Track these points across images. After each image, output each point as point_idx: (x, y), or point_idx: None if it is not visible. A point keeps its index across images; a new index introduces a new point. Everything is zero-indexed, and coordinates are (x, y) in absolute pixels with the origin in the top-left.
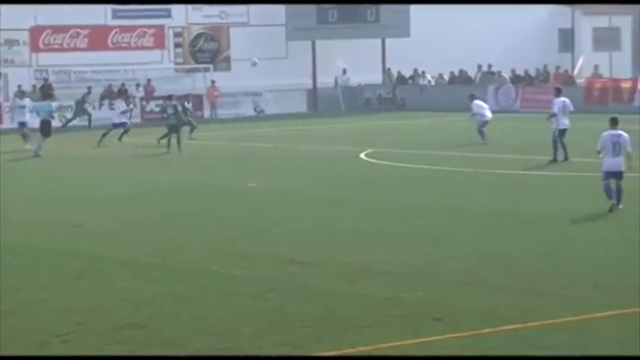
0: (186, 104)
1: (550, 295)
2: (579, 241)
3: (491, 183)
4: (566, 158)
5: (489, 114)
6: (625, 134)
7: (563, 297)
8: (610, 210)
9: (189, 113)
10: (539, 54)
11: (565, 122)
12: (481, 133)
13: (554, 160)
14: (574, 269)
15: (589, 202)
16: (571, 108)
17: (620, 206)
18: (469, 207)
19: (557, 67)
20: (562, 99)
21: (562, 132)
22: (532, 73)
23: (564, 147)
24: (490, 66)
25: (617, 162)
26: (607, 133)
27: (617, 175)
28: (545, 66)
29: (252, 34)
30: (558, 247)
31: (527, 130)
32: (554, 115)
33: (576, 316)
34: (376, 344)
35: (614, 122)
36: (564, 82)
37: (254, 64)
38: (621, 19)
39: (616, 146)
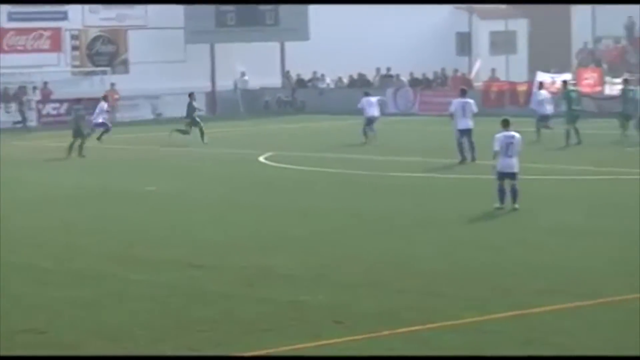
0: (192, 102)
1: (449, 296)
2: (477, 242)
3: (391, 185)
4: (473, 159)
5: (375, 112)
6: (517, 135)
7: (461, 298)
8: (499, 208)
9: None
10: (437, 58)
11: (465, 122)
12: (365, 132)
13: (463, 160)
14: (471, 270)
15: (486, 204)
16: (474, 109)
17: (516, 206)
18: (368, 210)
19: (455, 71)
20: (464, 99)
21: (462, 132)
22: (430, 76)
23: (472, 148)
24: (388, 69)
25: (511, 163)
26: (501, 134)
27: (511, 175)
28: (443, 69)
29: (150, 37)
30: (456, 249)
31: (426, 132)
32: (450, 115)
33: (475, 317)
34: (276, 347)
35: (505, 124)
36: (462, 85)
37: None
38: (517, 22)
39: (509, 147)
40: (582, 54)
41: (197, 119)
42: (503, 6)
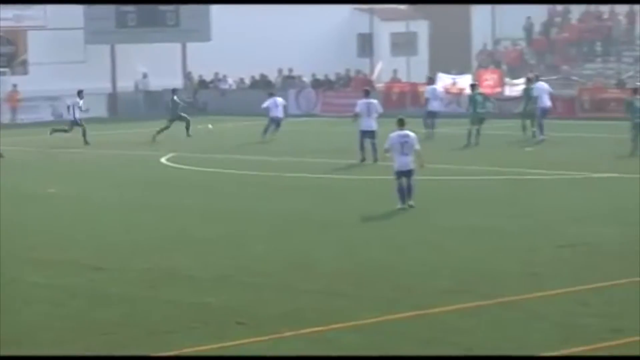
0: (175, 97)
1: (352, 296)
2: (379, 243)
3: (294, 186)
4: (375, 160)
5: (279, 113)
6: (412, 134)
7: (364, 298)
8: (402, 209)
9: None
10: (338, 59)
11: (369, 123)
12: (266, 131)
13: (363, 160)
14: (374, 270)
15: (389, 204)
16: (379, 109)
17: (411, 202)
18: (271, 211)
19: (357, 72)
20: (368, 100)
21: (365, 133)
22: (332, 77)
23: (374, 149)
24: (290, 70)
25: (406, 161)
26: (395, 134)
27: (407, 173)
28: (346, 70)
29: (50, 38)
30: (359, 249)
31: (328, 134)
32: (356, 115)
33: (377, 317)
34: (180, 349)
35: (401, 123)
36: (364, 86)
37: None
38: (418, 23)
39: (404, 146)
40: (482, 56)
41: (183, 114)
42: (404, 7)
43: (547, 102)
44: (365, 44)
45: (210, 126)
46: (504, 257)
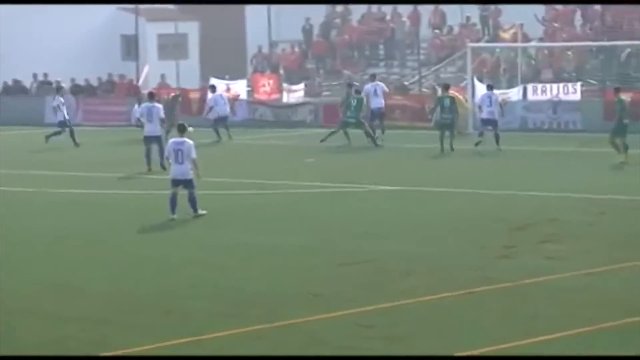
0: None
1: (120, 323)
2: (153, 262)
3: (58, 202)
4: (163, 168)
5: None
6: (189, 142)
7: (135, 325)
8: (173, 219)
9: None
10: (101, 62)
11: (152, 128)
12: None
13: (149, 170)
14: (146, 293)
15: (163, 220)
16: (162, 115)
17: (201, 212)
18: (31, 230)
19: (122, 76)
20: (152, 104)
21: (149, 139)
22: (95, 83)
23: (161, 155)
24: (46, 75)
25: (182, 170)
26: (171, 141)
27: (184, 183)
28: (109, 75)
29: None
30: (130, 270)
31: (92, 145)
32: (138, 120)
33: (148, 345)
34: None
35: (181, 129)
36: (129, 92)
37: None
38: (187, 25)
39: (179, 154)
40: (257, 59)
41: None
42: (172, 7)
43: (378, 104)
44: (131, 46)
45: None
46: (282, 276)
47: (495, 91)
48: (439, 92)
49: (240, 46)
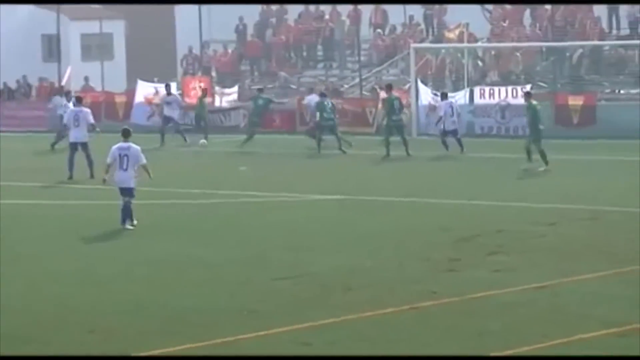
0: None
1: (41, 341)
2: (77, 277)
3: None
4: (91, 176)
5: None
6: (135, 147)
7: (56, 343)
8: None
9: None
10: (19, 64)
11: (77, 134)
12: None
13: (70, 178)
14: (69, 309)
15: (96, 231)
16: (90, 119)
17: (131, 225)
18: None
19: (42, 79)
20: (78, 108)
21: (75, 145)
22: (13, 86)
23: (89, 163)
24: None
25: (125, 177)
26: (116, 146)
27: (127, 191)
28: (23, 77)
29: None
30: (51, 285)
31: (11, 152)
32: (64, 126)
33: None
34: None
35: (125, 134)
36: (51, 95)
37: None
38: (113, 24)
39: (124, 160)
40: (187, 61)
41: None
42: (97, 6)
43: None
44: (52, 46)
45: None
46: (214, 291)
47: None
48: (382, 94)
49: (170, 47)
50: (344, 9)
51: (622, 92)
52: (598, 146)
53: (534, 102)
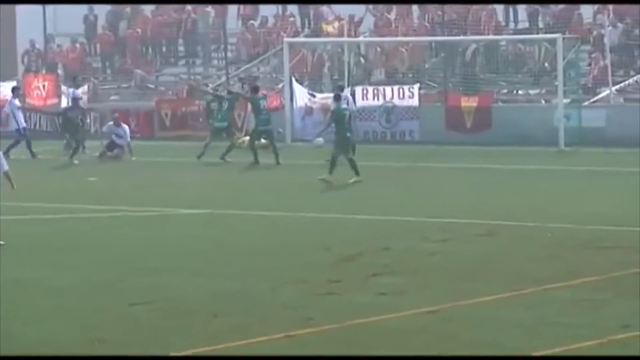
0: None
1: None
2: None
3: None
4: None
5: None
6: None
7: None
8: None
9: None
10: None
11: None
12: None
13: None
14: None
15: None
16: None
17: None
18: None
19: None
20: None
21: None
22: None
23: None
24: None
25: None
26: None
27: None
28: None
29: None
30: None
31: None
32: None
33: None
34: None
35: None
36: None
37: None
38: None
39: None
40: (29, 57)
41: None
42: None
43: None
44: None
45: None
46: (61, 319)
47: (319, 95)
48: (245, 92)
49: (9, 40)
50: None
51: (520, 92)
52: (494, 153)
53: (340, 106)
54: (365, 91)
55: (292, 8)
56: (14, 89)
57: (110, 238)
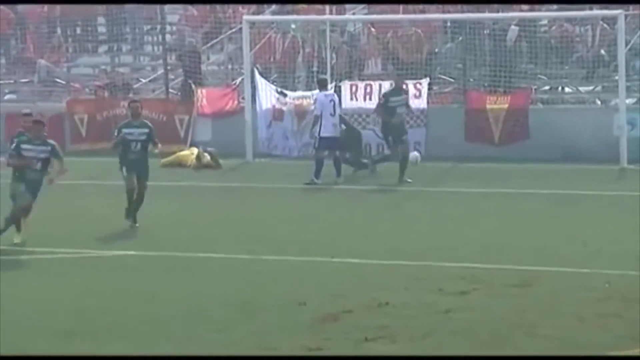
0: None
1: None
2: None
3: None
4: None
5: None
6: None
7: None
8: None
9: None
10: None
11: None
12: None
13: None
14: None
15: None
16: None
17: None
18: None
19: None
20: None
21: None
22: None
23: None
24: None
25: None
26: None
27: None
28: None
29: None
30: None
31: None
32: None
33: None
34: None
35: None
36: None
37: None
38: None
39: None
40: None
41: None
42: None
43: None
44: None
45: None
46: None
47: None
48: (200, 92)
49: None
50: None
51: (567, 89)
52: (531, 173)
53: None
54: (354, 88)
55: None
56: None
57: (7, 290)
